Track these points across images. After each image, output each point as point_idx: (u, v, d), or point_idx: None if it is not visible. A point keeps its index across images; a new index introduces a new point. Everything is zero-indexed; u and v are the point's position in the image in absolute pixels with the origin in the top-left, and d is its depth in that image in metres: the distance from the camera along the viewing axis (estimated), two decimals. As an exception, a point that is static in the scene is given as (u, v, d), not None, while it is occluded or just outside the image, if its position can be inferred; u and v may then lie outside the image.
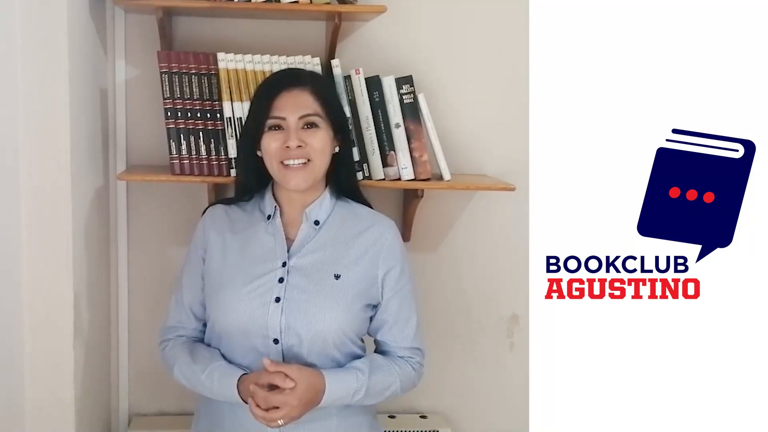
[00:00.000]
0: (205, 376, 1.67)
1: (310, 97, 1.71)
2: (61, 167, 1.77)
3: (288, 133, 1.68)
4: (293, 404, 1.58)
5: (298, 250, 1.72)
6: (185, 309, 1.78)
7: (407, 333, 1.77)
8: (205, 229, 1.78)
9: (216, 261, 1.74)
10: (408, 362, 1.77)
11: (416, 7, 2.17)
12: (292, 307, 1.66)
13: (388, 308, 1.75)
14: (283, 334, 1.66)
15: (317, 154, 1.69)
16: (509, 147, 2.20)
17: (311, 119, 1.70)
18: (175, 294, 1.81)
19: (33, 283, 1.78)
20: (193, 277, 1.78)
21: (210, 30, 2.12)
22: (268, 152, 1.70)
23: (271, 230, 1.74)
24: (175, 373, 1.74)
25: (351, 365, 1.69)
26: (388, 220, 1.80)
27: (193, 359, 1.71)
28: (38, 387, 1.82)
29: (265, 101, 1.71)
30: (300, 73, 1.80)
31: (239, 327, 1.67)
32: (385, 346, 1.78)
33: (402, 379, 1.74)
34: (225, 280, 1.71)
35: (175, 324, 1.80)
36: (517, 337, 2.33)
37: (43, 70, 1.73)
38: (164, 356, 1.79)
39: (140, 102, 2.13)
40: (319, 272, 1.70)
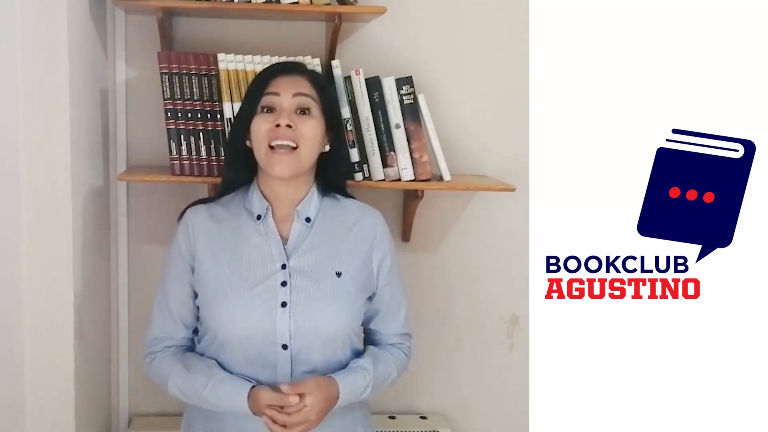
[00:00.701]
0: (208, 390, 1.62)
1: (307, 82, 1.71)
2: (62, 168, 1.76)
3: (280, 113, 1.66)
4: (312, 419, 1.59)
5: (294, 250, 1.70)
6: (172, 318, 1.72)
7: (398, 320, 1.80)
8: (190, 233, 1.71)
9: (210, 267, 1.68)
10: (399, 348, 1.80)
11: (416, 7, 2.17)
12: (300, 311, 1.64)
13: (382, 298, 1.76)
14: (292, 340, 1.64)
15: (306, 142, 1.66)
16: (509, 147, 2.20)
17: (305, 101, 1.68)
18: (159, 303, 1.74)
19: (33, 284, 1.78)
20: (180, 285, 1.72)
21: (210, 31, 2.12)
22: (258, 135, 1.66)
23: (263, 230, 1.70)
24: (170, 387, 1.69)
25: (356, 365, 1.69)
26: (375, 210, 1.80)
27: (190, 371, 1.66)
28: (38, 387, 1.81)
29: (261, 82, 1.71)
30: (301, 64, 1.80)
31: (245, 335, 1.63)
32: (376, 335, 1.80)
33: (398, 367, 1.78)
34: (225, 287, 1.66)
35: (161, 335, 1.74)
36: (517, 337, 2.34)
37: (44, 71, 1.73)
38: (153, 370, 1.73)
39: (140, 102, 2.13)
40: (320, 272, 1.69)
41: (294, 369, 1.65)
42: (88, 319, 1.93)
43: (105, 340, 2.17)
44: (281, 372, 1.64)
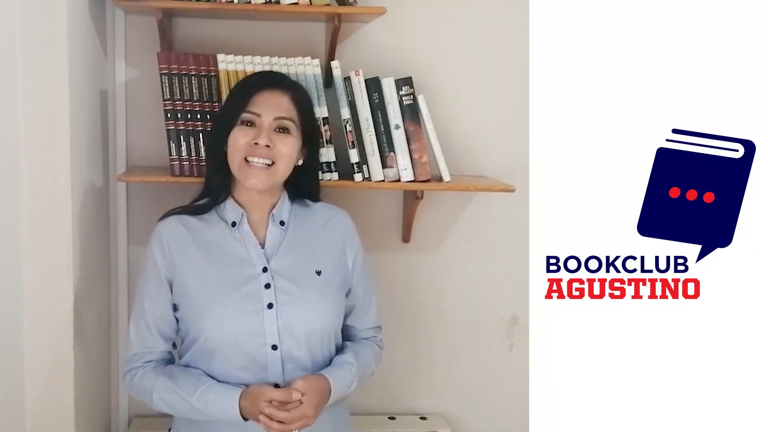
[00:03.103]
0: (197, 399, 1.63)
1: (289, 101, 1.73)
2: (61, 168, 1.77)
3: (260, 131, 1.68)
4: (310, 414, 1.60)
5: (273, 253, 1.72)
6: (151, 332, 1.71)
7: (371, 315, 1.85)
8: (164, 246, 1.71)
9: (192, 277, 1.69)
10: (374, 342, 1.85)
11: (416, 8, 2.17)
12: (286, 310, 1.67)
13: (356, 294, 1.81)
14: (281, 339, 1.66)
15: (283, 160, 1.69)
16: (509, 148, 2.20)
17: (285, 123, 1.70)
18: (135, 319, 1.73)
19: (33, 284, 1.78)
20: (157, 298, 1.71)
21: (210, 31, 2.12)
22: (235, 145, 1.68)
23: (239, 236, 1.72)
24: (155, 400, 1.68)
25: (341, 360, 1.73)
26: (340, 210, 1.85)
27: (175, 382, 1.66)
28: (38, 388, 1.81)
29: (243, 95, 1.72)
30: (283, 77, 1.81)
31: (234, 339, 1.64)
32: (351, 330, 1.84)
33: (375, 360, 1.83)
34: (209, 293, 1.67)
35: (140, 350, 1.72)
36: (517, 338, 2.34)
37: (44, 72, 1.73)
38: (136, 386, 1.72)
39: (140, 103, 2.13)
40: (301, 272, 1.71)
41: (285, 368, 1.66)
42: (88, 320, 1.93)
43: (105, 340, 2.17)
44: (272, 372, 1.66)
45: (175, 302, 1.71)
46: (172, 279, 1.70)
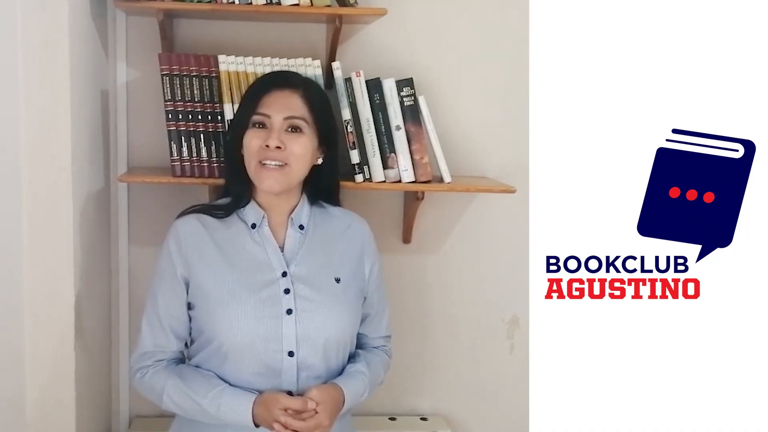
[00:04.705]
0: (208, 402, 1.60)
1: (299, 100, 1.70)
2: (62, 169, 1.77)
3: (270, 132, 1.66)
4: (325, 423, 1.59)
5: (292, 257, 1.70)
6: (164, 331, 1.68)
7: (383, 324, 1.84)
8: (182, 244, 1.68)
9: (209, 277, 1.66)
10: (383, 350, 1.84)
11: (417, 9, 2.17)
12: (305, 317, 1.64)
13: (371, 302, 1.80)
14: (299, 346, 1.63)
15: (296, 160, 1.67)
16: (509, 149, 2.20)
17: (296, 122, 1.68)
18: (148, 317, 1.70)
19: (34, 285, 1.78)
20: (171, 296, 1.68)
21: (211, 32, 2.12)
22: (249, 150, 1.67)
23: (258, 239, 1.70)
24: (165, 401, 1.66)
25: (354, 369, 1.71)
26: (360, 217, 1.83)
27: (186, 383, 1.64)
28: (39, 389, 1.81)
29: (254, 97, 1.71)
30: (293, 75, 1.80)
31: (249, 343, 1.61)
32: (362, 338, 1.82)
33: (384, 369, 1.82)
34: (227, 295, 1.64)
35: (152, 349, 1.69)
36: (518, 339, 2.33)
37: (45, 72, 1.73)
38: (146, 384, 1.69)
39: (141, 104, 2.13)
40: (320, 279, 1.69)
41: (299, 376, 1.64)
42: (88, 320, 1.93)
43: (105, 341, 2.17)
44: (287, 379, 1.64)
45: (190, 301, 1.69)
46: (188, 277, 1.68)
